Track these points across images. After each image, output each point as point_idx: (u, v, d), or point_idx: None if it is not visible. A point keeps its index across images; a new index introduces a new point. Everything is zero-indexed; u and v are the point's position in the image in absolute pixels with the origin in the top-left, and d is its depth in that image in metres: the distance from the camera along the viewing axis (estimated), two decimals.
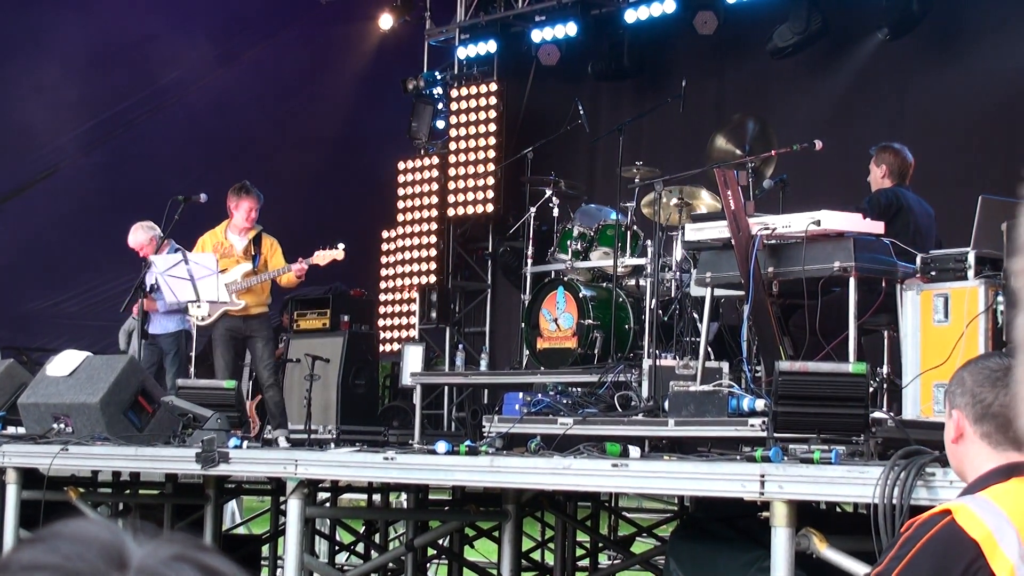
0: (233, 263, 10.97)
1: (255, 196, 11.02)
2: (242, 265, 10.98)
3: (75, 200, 14.91)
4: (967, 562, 2.70)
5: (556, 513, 9.94)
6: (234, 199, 11.00)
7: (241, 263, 10.99)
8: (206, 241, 11.11)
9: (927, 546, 2.75)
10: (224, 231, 11.11)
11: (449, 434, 13.27)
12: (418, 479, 7.73)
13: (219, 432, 8.13)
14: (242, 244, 11.06)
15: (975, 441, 3.02)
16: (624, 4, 13.81)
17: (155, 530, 1.27)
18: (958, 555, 2.72)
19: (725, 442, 7.47)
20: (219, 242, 11.06)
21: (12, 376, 10.31)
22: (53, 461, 8.42)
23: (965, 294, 7.12)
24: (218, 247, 11.02)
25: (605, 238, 10.58)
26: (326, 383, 12.38)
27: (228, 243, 11.06)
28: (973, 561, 2.70)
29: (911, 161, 9.07)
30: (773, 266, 7.83)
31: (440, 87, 15.62)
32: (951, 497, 4.62)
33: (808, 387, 6.55)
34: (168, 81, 15.11)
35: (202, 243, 11.11)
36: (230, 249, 11.03)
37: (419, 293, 14.95)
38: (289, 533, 7.49)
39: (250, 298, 10.95)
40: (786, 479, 5.46)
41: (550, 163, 12.36)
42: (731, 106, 12.05)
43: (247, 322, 10.99)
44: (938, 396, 7.02)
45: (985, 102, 11.49)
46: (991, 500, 2.81)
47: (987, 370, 3.04)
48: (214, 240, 11.09)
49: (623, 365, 9.42)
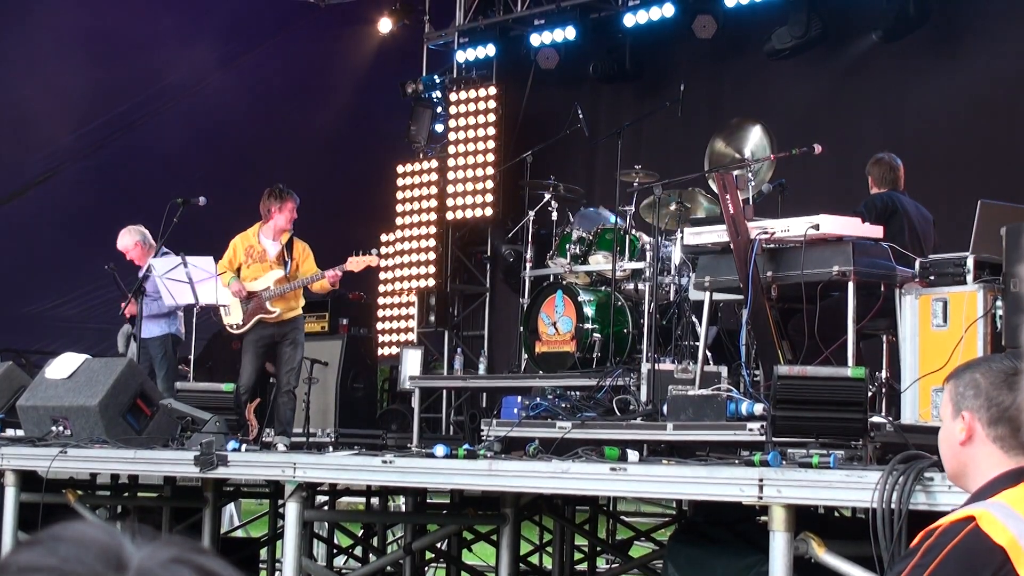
0: (265, 269, 10.75)
1: (295, 197, 10.81)
2: (274, 272, 10.73)
3: (75, 202, 14.91)
4: (994, 568, 2.68)
5: (554, 517, 9.94)
6: (275, 202, 10.74)
7: (273, 269, 10.74)
8: (237, 244, 10.85)
9: (953, 553, 2.72)
10: (257, 235, 10.83)
11: (447, 438, 13.27)
12: (416, 482, 7.74)
13: (217, 435, 8.14)
14: (275, 249, 10.80)
15: (986, 444, 2.98)
16: (623, 8, 13.82)
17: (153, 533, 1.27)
18: (985, 562, 2.69)
19: (724, 446, 7.47)
20: (250, 246, 10.81)
21: (11, 379, 10.31)
22: (52, 464, 8.42)
23: (964, 298, 7.12)
24: (250, 251, 10.79)
25: (604, 242, 10.58)
26: (325, 386, 12.37)
27: (261, 247, 10.80)
28: (1000, 567, 2.68)
29: (898, 165, 9.08)
30: (772, 270, 7.84)
31: (439, 91, 15.62)
32: (950, 502, 4.63)
33: (807, 391, 6.56)
34: (168, 83, 15.12)
35: (233, 246, 10.86)
36: (263, 254, 10.79)
37: (418, 297, 14.95)
38: (287, 536, 7.49)
39: (282, 304, 10.73)
40: (785, 483, 5.46)
41: (549, 167, 12.36)
42: (730, 110, 12.04)
43: (280, 327, 10.78)
44: (937, 401, 7.02)
45: (984, 106, 11.49)
46: (1010, 505, 2.80)
47: (1002, 373, 2.99)
48: (245, 243, 10.83)
49: (622, 369, 9.42)
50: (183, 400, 9.09)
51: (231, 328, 10.84)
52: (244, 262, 10.79)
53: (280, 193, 10.78)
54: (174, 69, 15.00)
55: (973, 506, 2.83)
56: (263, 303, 10.67)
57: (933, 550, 2.75)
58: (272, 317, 10.71)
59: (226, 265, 10.78)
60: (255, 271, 10.74)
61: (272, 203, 10.75)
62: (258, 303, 10.67)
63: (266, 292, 10.68)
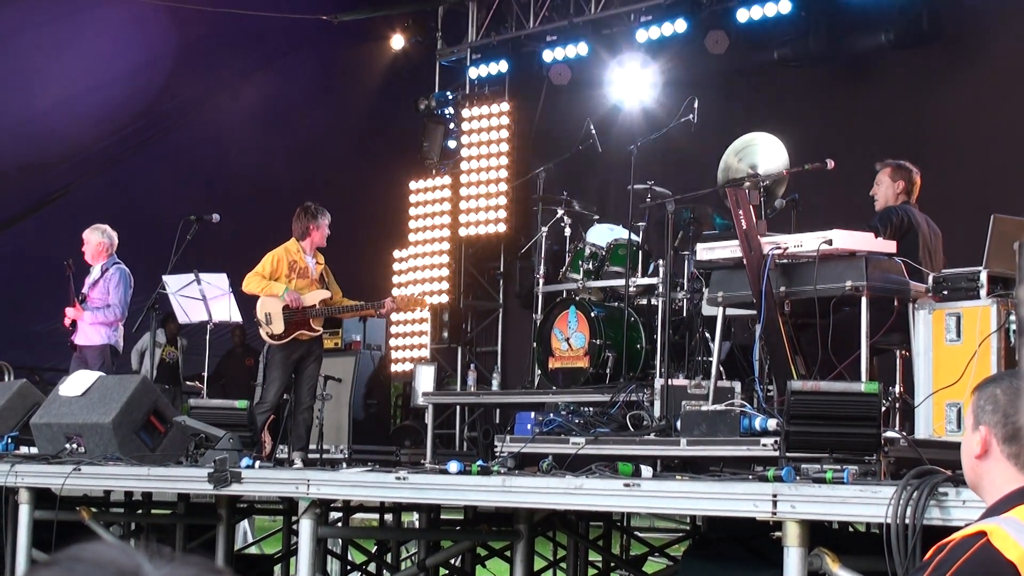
0: (310, 286, 10.68)
1: (328, 215, 10.76)
2: (320, 291, 10.68)
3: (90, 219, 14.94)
4: None
5: (568, 533, 9.92)
6: (311, 220, 10.66)
7: (318, 288, 10.70)
8: (281, 258, 10.68)
9: (963, 568, 2.72)
10: (299, 252, 10.74)
11: (461, 454, 13.26)
12: (430, 499, 7.73)
13: (231, 452, 8.14)
14: (316, 268, 10.77)
15: (1000, 460, 2.99)
16: (635, 24, 13.83)
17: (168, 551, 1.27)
18: None
19: (737, 462, 7.46)
20: (294, 261, 10.71)
21: (25, 396, 10.32)
22: (66, 481, 8.43)
23: (977, 313, 7.11)
24: (293, 266, 10.69)
25: (617, 257, 10.58)
26: (338, 403, 12.38)
27: (304, 263, 10.72)
28: None
29: (917, 180, 9.10)
30: (785, 285, 7.84)
31: (452, 107, 15.66)
32: (964, 517, 4.62)
33: (820, 407, 6.54)
34: (182, 100, 15.16)
35: (276, 258, 10.67)
36: (306, 270, 10.71)
37: (431, 313, 14.96)
38: (301, 553, 7.48)
39: (321, 323, 10.74)
40: (798, 499, 5.46)
41: (562, 182, 12.36)
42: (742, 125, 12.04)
43: (310, 345, 10.75)
44: (951, 415, 7.02)
45: (999, 120, 11.48)
46: (1022, 521, 2.80)
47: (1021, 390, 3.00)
48: (289, 258, 10.71)
49: (635, 385, 9.41)
50: (197, 417, 9.10)
51: (270, 338, 10.68)
52: (288, 276, 10.67)
53: (315, 212, 10.72)
54: (188, 86, 15.04)
55: (985, 521, 2.84)
56: (308, 320, 10.62)
57: (944, 564, 2.75)
58: (310, 335, 10.66)
59: (266, 276, 10.63)
60: (299, 286, 10.64)
61: (309, 221, 10.69)
62: (302, 318, 10.62)
63: (312, 310, 10.62)
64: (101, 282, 11.42)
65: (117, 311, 11.37)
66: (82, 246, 11.59)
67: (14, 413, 10.12)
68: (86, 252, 11.55)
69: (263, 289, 10.55)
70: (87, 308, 11.33)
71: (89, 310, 11.31)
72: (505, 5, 15.27)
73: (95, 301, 11.29)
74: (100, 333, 11.42)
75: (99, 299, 11.29)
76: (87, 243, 11.58)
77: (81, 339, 11.40)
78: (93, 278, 11.49)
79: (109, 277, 11.45)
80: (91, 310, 11.30)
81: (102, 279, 11.44)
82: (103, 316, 11.30)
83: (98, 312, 11.29)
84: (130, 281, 11.51)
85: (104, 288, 11.38)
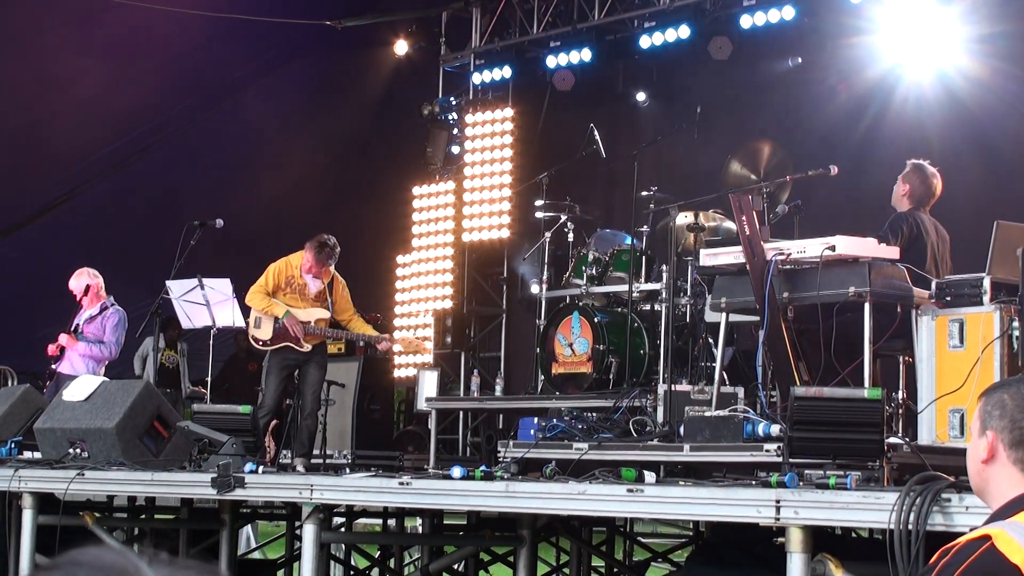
0: (304, 303, 10.59)
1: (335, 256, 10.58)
2: (318, 311, 10.59)
3: (91, 225, 14.96)
4: None
5: (571, 538, 9.92)
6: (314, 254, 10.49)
7: (316, 307, 10.60)
8: (281, 271, 10.62)
9: (969, 571, 2.73)
10: (299, 269, 10.63)
11: (464, 459, 13.26)
12: (433, 504, 7.73)
13: (234, 457, 8.15)
14: (317, 287, 10.66)
15: (1007, 465, 2.99)
16: (639, 30, 13.84)
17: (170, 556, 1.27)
18: None
19: (740, 467, 7.46)
20: (291, 276, 10.63)
21: (28, 401, 10.33)
22: (69, 486, 8.44)
23: (980, 319, 7.11)
24: (289, 281, 10.61)
25: (620, 263, 10.58)
26: (341, 408, 12.38)
27: (302, 281, 10.62)
28: None
29: (937, 191, 8.89)
30: (788, 291, 7.83)
31: (455, 112, 15.66)
32: (967, 523, 4.62)
33: (823, 412, 6.54)
34: (184, 107, 15.18)
35: (274, 272, 10.61)
36: (303, 288, 10.61)
37: (434, 318, 14.95)
38: (304, 558, 7.49)
39: (314, 340, 10.60)
40: (801, 504, 5.46)
41: (565, 188, 12.36)
42: (745, 131, 12.05)
43: (307, 354, 10.63)
44: (954, 422, 7.01)
45: (1004, 126, 11.47)
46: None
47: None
48: (288, 272, 10.63)
49: (638, 390, 9.41)
50: (200, 422, 9.10)
51: (256, 342, 10.68)
52: (281, 289, 10.61)
53: (329, 254, 10.54)
54: (190, 93, 15.06)
55: (990, 526, 2.84)
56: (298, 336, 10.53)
57: (949, 568, 2.76)
58: (301, 350, 10.58)
59: (269, 290, 10.57)
60: (292, 302, 10.57)
61: (318, 255, 10.51)
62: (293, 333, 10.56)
63: (306, 326, 10.51)
64: (99, 319, 11.56)
65: (110, 350, 11.58)
66: (78, 297, 11.66)
67: (18, 418, 10.13)
68: (87, 297, 11.64)
69: (264, 308, 10.52)
70: (81, 339, 11.42)
71: (83, 341, 11.41)
72: (509, 11, 15.27)
73: (90, 335, 11.40)
74: (87, 366, 11.55)
75: (93, 335, 11.41)
76: (86, 289, 11.68)
77: (66, 368, 11.50)
78: (91, 314, 11.62)
79: (108, 317, 11.62)
80: (86, 342, 11.40)
81: (100, 316, 11.60)
82: (97, 351, 11.47)
83: (92, 346, 11.46)
84: (126, 324, 11.65)
85: (100, 326, 11.54)
